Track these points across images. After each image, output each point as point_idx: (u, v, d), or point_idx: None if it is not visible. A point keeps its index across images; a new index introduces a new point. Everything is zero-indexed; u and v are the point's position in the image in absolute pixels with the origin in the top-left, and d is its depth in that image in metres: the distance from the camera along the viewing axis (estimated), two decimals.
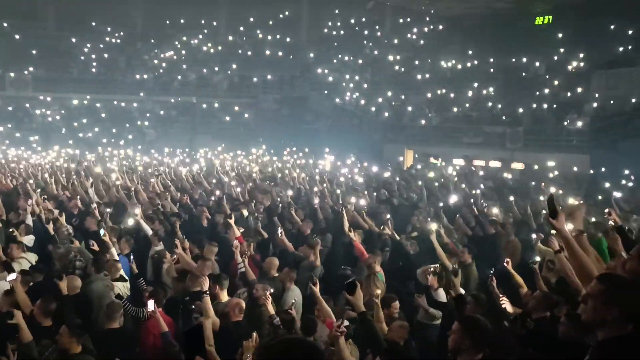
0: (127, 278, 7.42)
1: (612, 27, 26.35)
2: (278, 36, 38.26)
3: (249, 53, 36.90)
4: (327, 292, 6.74)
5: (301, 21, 38.73)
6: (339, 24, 38.82)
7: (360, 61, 35.14)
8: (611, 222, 6.22)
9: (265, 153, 25.50)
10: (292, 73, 35.48)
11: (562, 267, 4.94)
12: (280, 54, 36.60)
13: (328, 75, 34.03)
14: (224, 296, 6.46)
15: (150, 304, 5.61)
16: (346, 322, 4.55)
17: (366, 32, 37.66)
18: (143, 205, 10.88)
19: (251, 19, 38.86)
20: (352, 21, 38.68)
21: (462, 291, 6.42)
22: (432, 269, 6.53)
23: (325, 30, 38.95)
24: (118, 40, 37.29)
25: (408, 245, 9.25)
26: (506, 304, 4.85)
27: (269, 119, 32.94)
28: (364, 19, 38.41)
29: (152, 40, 37.60)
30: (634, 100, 21.16)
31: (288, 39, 38.33)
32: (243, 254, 7.44)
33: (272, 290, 6.18)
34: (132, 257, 7.90)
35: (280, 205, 11.92)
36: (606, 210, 5.88)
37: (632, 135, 20.05)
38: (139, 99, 32.99)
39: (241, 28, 39.17)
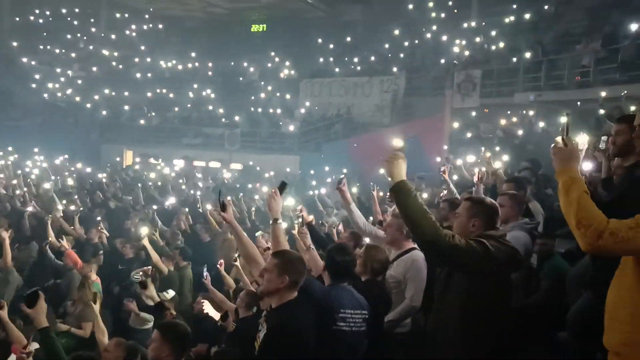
0: None
1: (319, 40, 29.05)
2: None
3: None
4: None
5: (2, 6, 34.49)
6: (47, 12, 35.58)
7: (73, 55, 32.78)
8: (300, 219, 6.88)
9: None
10: None
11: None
12: None
13: (36, 68, 31.00)
14: None
15: None
16: (35, 345, 4.18)
17: (80, 25, 35.29)
18: None
19: None
20: (64, 11, 35.85)
21: (172, 293, 6.49)
22: (141, 273, 6.47)
23: (32, 18, 35.34)
24: None
25: (128, 247, 9.05)
26: (205, 306, 5.04)
27: None
28: (77, 10, 35.91)
29: None
30: (333, 107, 23.71)
31: None
32: None
33: None
34: None
35: None
36: (298, 208, 6.40)
37: (333, 138, 22.51)
38: None
39: None
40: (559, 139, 2.64)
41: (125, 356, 4.42)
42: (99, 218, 9.95)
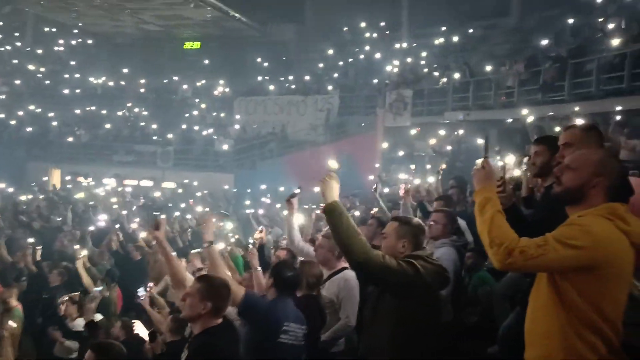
0: None
1: (253, 59, 28.94)
2: None
3: None
4: None
5: None
6: None
7: None
8: (252, 241, 6.84)
9: None
10: None
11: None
12: None
13: None
14: None
15: None
16: None
17: (4, 38, 33.88)
18: None
19: None
20: None
21: (99, 317, 6.27)
22: (66, 299, 6.24)
23: None
24: None
25: (55, 273, 8.67)
26: (136, 326, 4.93)
27: None
28: (1, 23, 34.46)
29: None
30: (268, 125, 23.71)
31: None
32: None
33: None
34: None
35: None
36: (259, 229, 6.36)
37: (268, 157, 22.51)
38: None
39: None
40: (479, 161, 2.74)
41: None
42: (31, 240, 9.42)
